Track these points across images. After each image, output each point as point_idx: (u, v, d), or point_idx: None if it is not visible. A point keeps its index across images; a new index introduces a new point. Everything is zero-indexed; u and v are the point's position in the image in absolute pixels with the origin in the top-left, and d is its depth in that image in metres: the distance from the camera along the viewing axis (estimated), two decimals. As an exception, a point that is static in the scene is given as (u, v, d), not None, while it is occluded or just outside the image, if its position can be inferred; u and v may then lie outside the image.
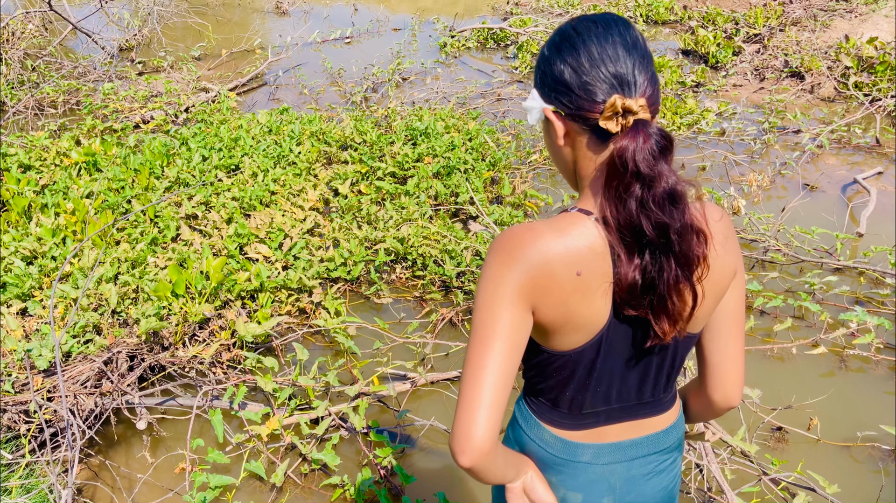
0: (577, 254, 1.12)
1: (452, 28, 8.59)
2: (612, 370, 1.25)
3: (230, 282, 3.57)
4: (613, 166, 1.09)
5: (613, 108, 1.08)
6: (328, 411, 3.05)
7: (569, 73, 1.11)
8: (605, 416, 1.30)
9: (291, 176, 4.68)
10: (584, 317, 1.15)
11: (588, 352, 1.21)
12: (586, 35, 1.12)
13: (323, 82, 7.20)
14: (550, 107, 1.15)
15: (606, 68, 1.09)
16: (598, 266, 1.12)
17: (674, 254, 1.11)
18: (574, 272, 1.11)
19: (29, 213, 4.22)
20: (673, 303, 1.14)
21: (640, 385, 1.28)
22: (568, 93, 1.12)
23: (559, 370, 1.24)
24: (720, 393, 1.35)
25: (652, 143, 1.07)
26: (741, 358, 1.33)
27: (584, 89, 1.10)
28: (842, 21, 8.00)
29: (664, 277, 1.11)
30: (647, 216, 1.08)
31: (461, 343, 3.47)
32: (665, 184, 1.08)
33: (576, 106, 1.11)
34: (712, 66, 7.43)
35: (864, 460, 2.95)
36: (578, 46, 1.11)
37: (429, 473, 2.93)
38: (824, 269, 4.08)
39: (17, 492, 2.56)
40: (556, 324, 1.16)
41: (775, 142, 5.71)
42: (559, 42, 1.14)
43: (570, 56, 1.12)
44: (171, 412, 3.18)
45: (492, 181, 4.94)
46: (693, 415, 1.48)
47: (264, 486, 2.86)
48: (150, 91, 6.53)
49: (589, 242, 1.12)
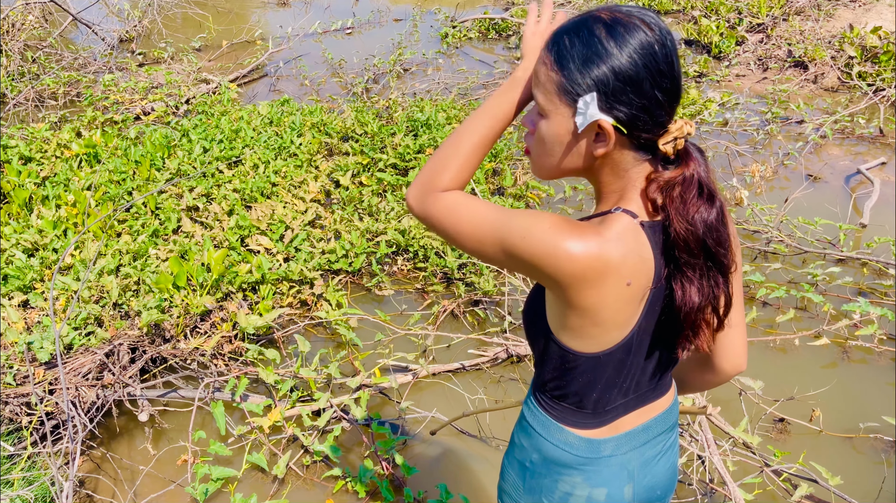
0: (630, 265, 1.09)
1: (454, 18, 8.55)
2: (637, 365, 1.26)
3: (231, 274, 3.57)
4: (685, 185, 1.08)
5: (681, 131, 1.05)
6: (330, 403, 3.05)
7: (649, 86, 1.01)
8: (623, 408, 1.32)
9: (292, 167, 4.67)
10: (620, 321, 1.16)
11: (618, 353, 1.21)
12: (669, 44, 1.02)
13: (324, 73, 7.18)
14: (611, 120, 1.04)
15: (680, 86, 1.04)
16: (645, 274, 1.12)
17: (722, 271, 1.15)
18: (625, 282, 1.10)
19: (30, 205, 4.21)
20: (714, 318, 1.18)
21: (654, 374, 1.31)
22: (645, 109, 1.03)
23: (587, 373, 1.23)
24: (729, 361, 1.38)
25: (706, 164, 1.11)
26: (743, 324, 1.38)
27: (663, 109, 1.04)
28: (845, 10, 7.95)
29: (717, 295, 1.15)
30: (711, 235, 1.10)
31: (463, 335, 3.46)
32: (720, 203, 1.11)
33: (645, 125, 1.05)
34: (715, 56, 7.39)
35: (866, 451, 2.95)
36: (658, 58, 1.01)
37: (431, 465, 2.93)
38: (827, 260, 4.06)
39: (18, 485, 2.56)
40: (593, 325, 1.14)
41: (778, 132, 5.69)
42: (644, 50, 1.01)
43: (653, 65, 1.01)
44: (172, 404, 3.18)
45: (493, 172, 4.92)
46: (696, 387, 1.51)
47: (266, 478, 2.87)
48: (150, 82, 6.51)
49: (639, 250, 1.11)
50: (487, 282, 3.72)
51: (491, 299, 3.79)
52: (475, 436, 3.03)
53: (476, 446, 3.02)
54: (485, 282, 3.72)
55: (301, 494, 2.81)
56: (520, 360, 3.43)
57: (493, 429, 3.06)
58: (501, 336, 3.50)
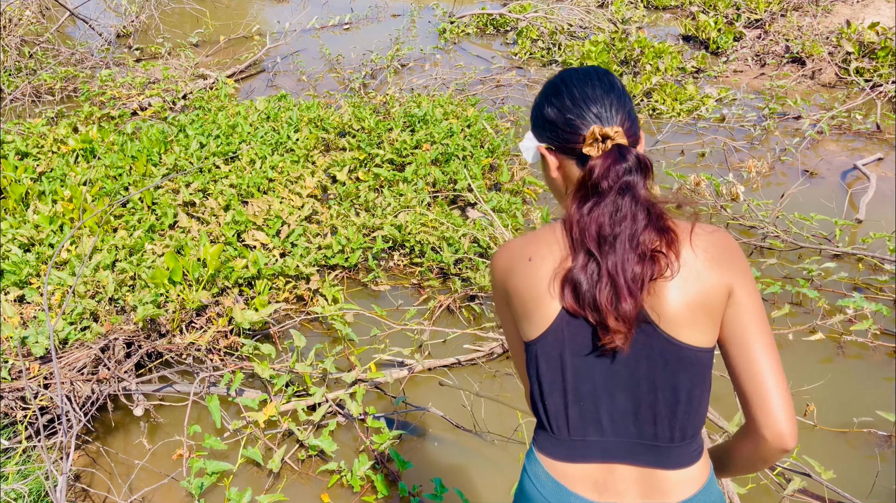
0: (531, 246, 1.28)
1: (452, 14, 8.54)
2: (589, 374, 1.22)
3: (227, 270, 3.57)
4: (582, 179, 1.23)
5: (593, 135, 1.22)
6: (325, 398, 3.05)
7: (555, 113, 1.28)
8: (600, 451, 1.23)
9: (289, 163, 4.67)
10: (535, 301, 1.24)
11: (550, 341, 1.23)
12: (569, 81, 1.29)
13: (321, 69, 7.17)
14: (543, 144, 1.32)
15: (587, 106, 1.25)
16: (549, 254, 1.24)
17: (614, 261, 1.17)
18: (526, 258, 1.27)
19: (26, 200, 4.21)
20: (608, 306, 1.17)
21: (636, 411, 1.22)
22: (555, 129, 1.28)
23: (531, 365, 1.27)
24: (770, 428, 1.18)
25: (625, 164, 1.19)
26: (780, 386, 1.19)
27: (568, 125, 1.26)
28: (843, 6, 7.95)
29: (601, 282, 1.18)
30: (595, 222, 1.19)
31: (458, 330, 3.47)
32: (621, 198, 1.18)
33: (563, 139, 1.27)
34: (713, 52, 7.38)
35: (860, 446, 2.96)
36: (562, 91, 1.28)
37: (425, 459, 2.94)
38: (823, 256, 4.07)
39: (13, 478, 2.57)
40: (518, 309, 1.28)
41: (775, 128, 5.69)
42: (547, 90, 1.32)
43: (556, 99, 1.28)
44: (168, 398, 3.18)
45: (490, 168, 4.92)
46: (741, 464, 1.32)
47: (261, 472, 2.87)
48: (147, 78, 6.51)
49: (545, 236, 1.27)
50: (483, 277, 3.73)
51: (487, 294, 3.79)
52: (470, 431, 3.03)
53: (471, 441, 3.02)
54: (481, 278, 3.72)
55: (296, 489, 2.82)
56: (515, 355, 3.43)
57: (488, 424, 3.06)
58: (497, 331, 3.50)
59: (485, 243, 3.93)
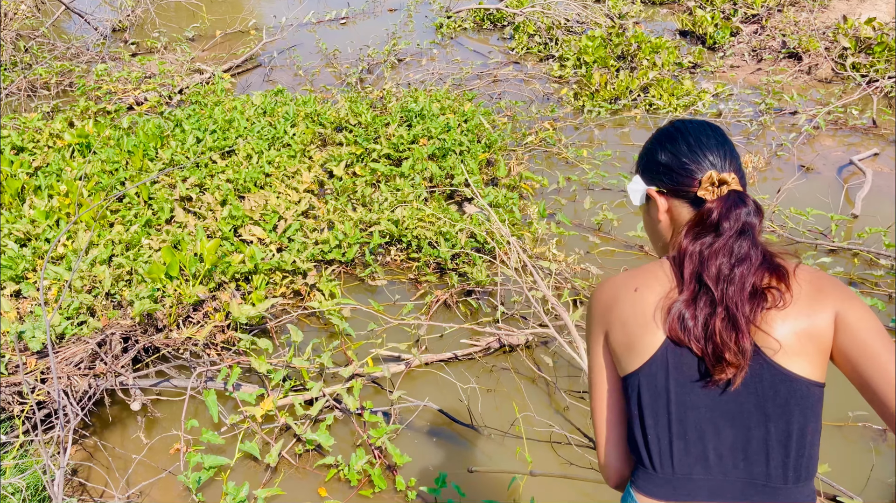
0: (638, 278, 1.30)
1: (449, 9, 8.53)
2: (694, 405, 1.19)
3: (224, 264, 3.57)
4: (699, 218, 1.27)
5: (710, 179, 1.28)
6: (322, 392, 3.06)
7: (670, 158, 1.34)
8: (707, 490, 1.18)
9: (286, 158, 4.66)
10: (642, 328, 1.24)
11: (654, 369, 1.22)
12: (684, 130, 1.35)
13: (318, 63, 7.15)
14: (653, 187, 1.37)
15: (703, 153, 1.31)
16: (657, 284, 1.26)
17: (733, 297, 1.19)
18: (632, 289, 1.28)
19: (22, 195, 4.20)
20: (728, 340, 1.18)
21: (745, 447, 1.18)
22: (670, 173, 1.33)
23: (632, 397, 1.25)
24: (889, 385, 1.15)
25: (746, 209, 1.24)
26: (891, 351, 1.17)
27: (683, 168, 1.31)
28: (840, 2, 7.95)
29: (714, 319, 1.19)
30: (715, 257, 1.22)
31: (455, 324, 3.47)
32: (741, 239, 1.22)
33: (677, 182, 1.32)
34: (709, 47, 7.38)
35: (856, 440, 2.97)
36: (678, 138, 1.35)
37: (422, 453, 2.95)
38: (819, 251, 4.08)
39: (11, 473, 2.57)
40: (620, 340, 1.27)
41: (772, 123, 5.70)
42: (661, 137, 1.38)
43: (672, 145, 1.34)
44: (165, 393, 3.18)
45: (487, 163, 4.92)
46: None
47: (259, 467, 2.88)
48: (143, 72, 6.49)
49: (651, 269, 1.30)
50: (480, 272, 3.73)
51: (484, 289, 3.80)
52: (468, 426, 3.04)
53: (468, 435, 3.03)
54: (477, 273, 3.73)
55: (293, 483, 2.83)
56: (512, 350, 3.44)
57: (485, 419, 3.07)
58: (494, 326, 3.51)
59: (481, 238, 3.94)
